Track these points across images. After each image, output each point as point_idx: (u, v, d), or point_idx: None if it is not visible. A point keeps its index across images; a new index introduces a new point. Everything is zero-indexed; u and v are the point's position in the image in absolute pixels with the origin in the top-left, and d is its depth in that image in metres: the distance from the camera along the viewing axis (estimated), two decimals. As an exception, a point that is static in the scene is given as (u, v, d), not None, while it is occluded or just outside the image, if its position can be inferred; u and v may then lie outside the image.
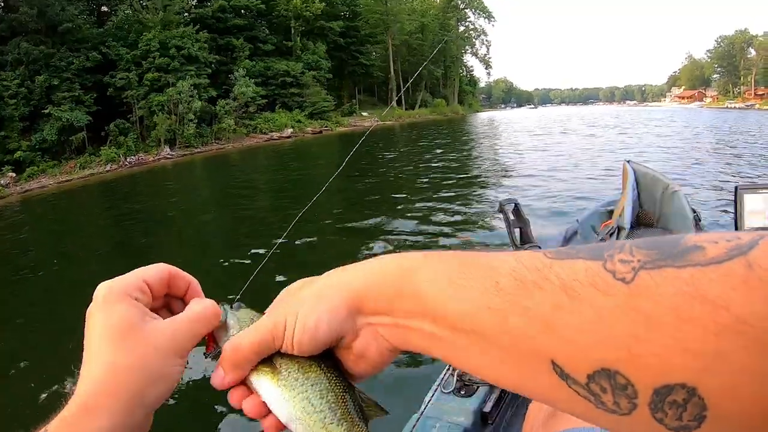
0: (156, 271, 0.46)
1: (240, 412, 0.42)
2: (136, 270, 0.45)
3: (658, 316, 0.25)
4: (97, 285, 0.43)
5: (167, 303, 0.48)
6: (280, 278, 5.10)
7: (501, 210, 2.10)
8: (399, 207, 9.65)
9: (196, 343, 0.44)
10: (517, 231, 2.14)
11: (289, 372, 0.41)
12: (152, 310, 0.45)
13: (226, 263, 7.03)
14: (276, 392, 0.40)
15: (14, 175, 23.72)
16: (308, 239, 7.42)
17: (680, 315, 0.24)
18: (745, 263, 0.24)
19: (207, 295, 0.46)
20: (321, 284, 0.41)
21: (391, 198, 10.90)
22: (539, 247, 2.14)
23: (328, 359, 0.41)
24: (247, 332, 0.42)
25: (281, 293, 0.45)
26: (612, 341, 0.26)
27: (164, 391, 0.41)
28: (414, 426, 1.56)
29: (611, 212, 3.08)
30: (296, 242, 7.14)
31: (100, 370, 0.39)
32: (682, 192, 2.18)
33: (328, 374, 0.41)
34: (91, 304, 0.42)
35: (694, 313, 0.24)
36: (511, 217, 2.12)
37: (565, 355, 0.28)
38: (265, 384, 0.41)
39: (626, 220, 2.10)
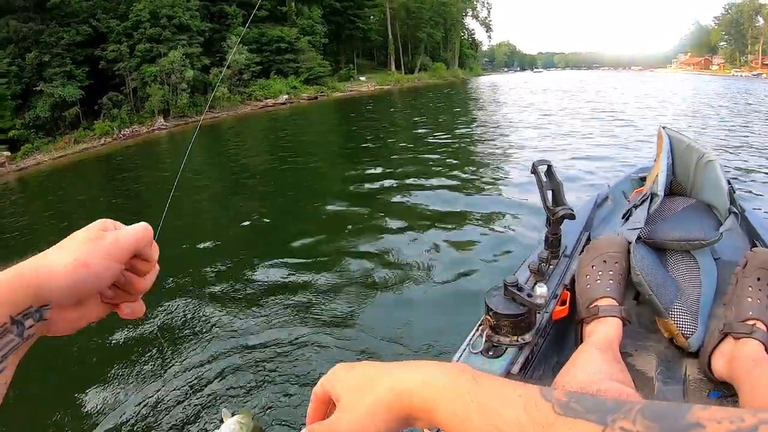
0: (145, 240, 0.50)
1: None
2: (135, 233, 0.48)
3: None
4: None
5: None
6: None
7: (534, 171, 1.82)
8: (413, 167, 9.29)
9: (132, 254, 0.48)
10: (549, 193, 1.85)
11: None
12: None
13: (224, 230, 6.76)
14: None
15: (9, 153, 23.41)
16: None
17: None
18: None
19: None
20: (379, 396, 0.45)
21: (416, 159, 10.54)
22: (572, 210, 1.90)
23: None
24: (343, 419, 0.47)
25: (339, 371, 0.51)
26: None
27: (96, 286, 0.45)
28: None
29: (643, 179, 2.93)
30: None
31: (58, 259, 0.42)
32: (717, 162, 1.96)
33: None
34: (85, 229, 0.46)
35: None
36: (544, 179, 1.82)
37: None
38: None
39: (660, 188, 1.88)
